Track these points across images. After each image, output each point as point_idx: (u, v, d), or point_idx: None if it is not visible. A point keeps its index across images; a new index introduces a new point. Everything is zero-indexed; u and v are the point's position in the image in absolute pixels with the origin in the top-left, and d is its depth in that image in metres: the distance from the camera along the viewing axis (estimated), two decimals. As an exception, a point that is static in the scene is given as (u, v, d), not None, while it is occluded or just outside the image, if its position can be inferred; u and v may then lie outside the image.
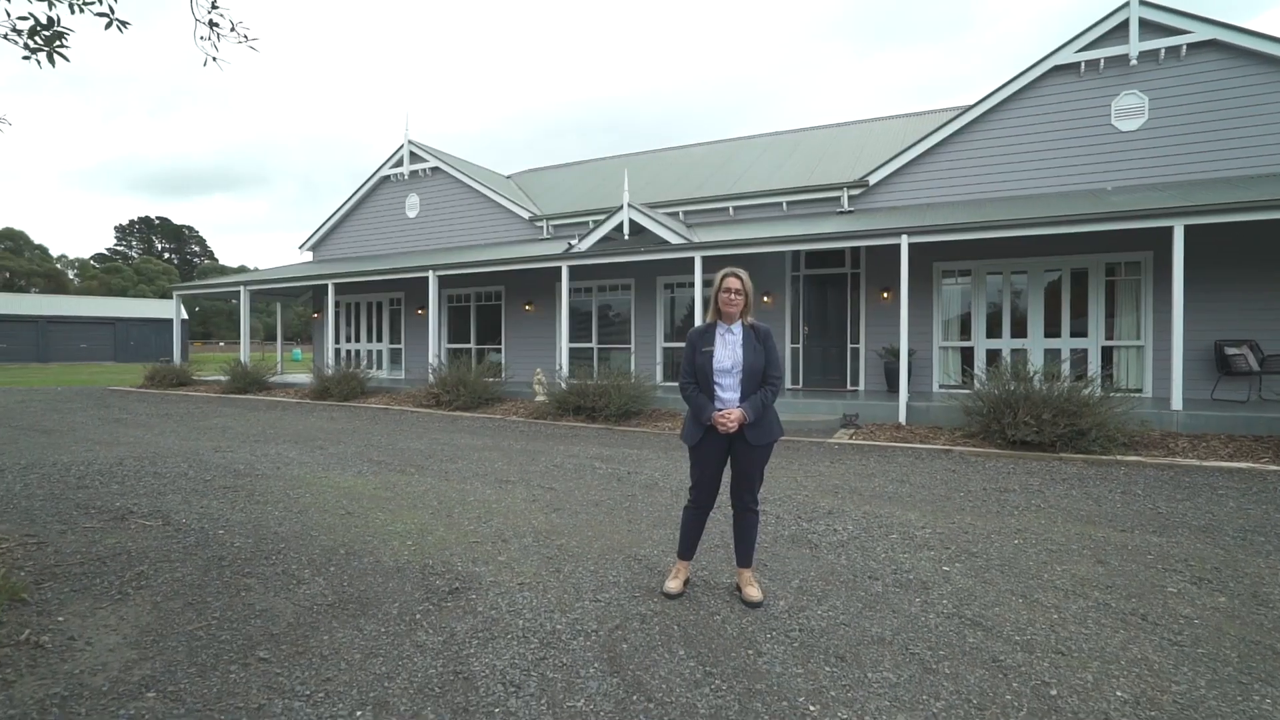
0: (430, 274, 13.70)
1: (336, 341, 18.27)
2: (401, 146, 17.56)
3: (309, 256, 19.88)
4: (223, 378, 15.98)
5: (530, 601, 3.28)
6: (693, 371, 3.39)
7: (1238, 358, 9.23)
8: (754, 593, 3.31)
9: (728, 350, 3.33)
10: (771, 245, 10.30)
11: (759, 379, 3.31)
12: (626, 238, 12.24)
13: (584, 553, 4.06)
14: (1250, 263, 9.34)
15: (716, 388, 3.31)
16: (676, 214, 13.74)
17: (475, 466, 6.82)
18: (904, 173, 11.87)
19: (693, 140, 19.14)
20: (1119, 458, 6.98)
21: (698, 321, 10.98)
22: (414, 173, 17.45)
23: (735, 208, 13.41)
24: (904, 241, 9.37)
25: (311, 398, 13.72)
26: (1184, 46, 9.82)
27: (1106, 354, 10.31)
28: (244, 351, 16.79)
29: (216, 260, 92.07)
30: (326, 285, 15.51)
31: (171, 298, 19.08)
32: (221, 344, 64.07)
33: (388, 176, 17.94)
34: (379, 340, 17.85)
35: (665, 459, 7.27)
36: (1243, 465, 6.55)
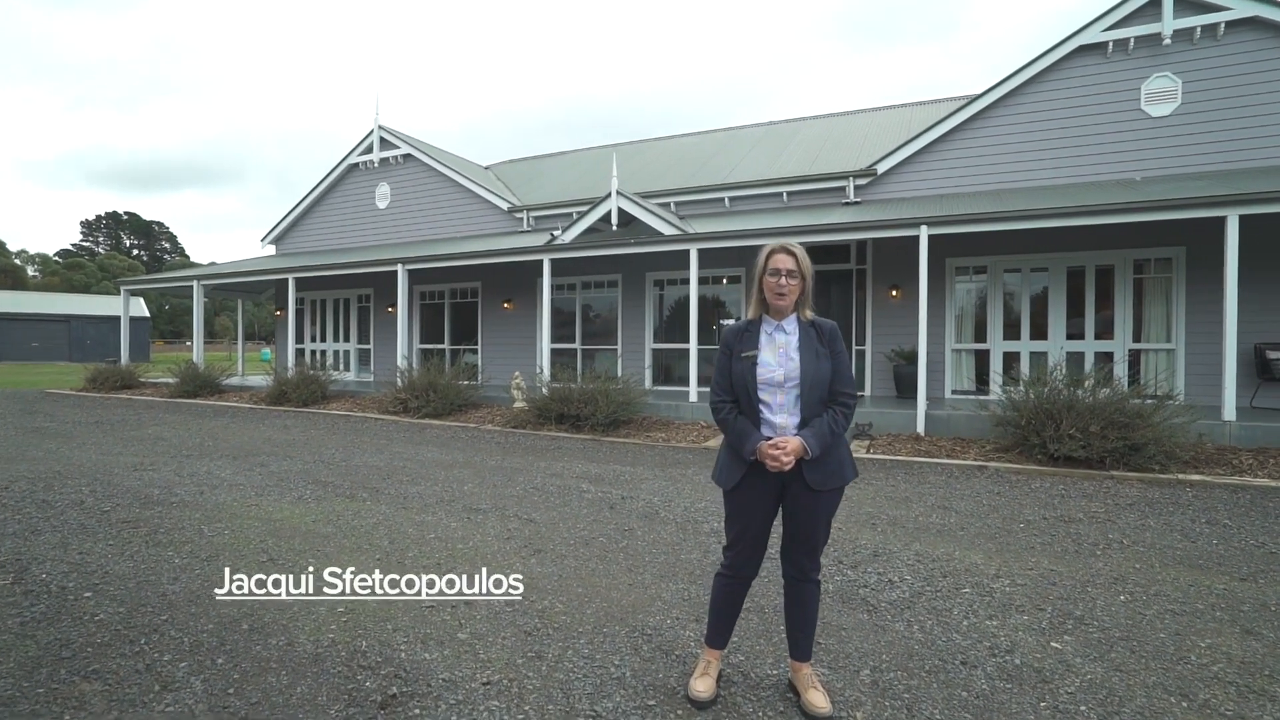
0: (399, 268, 12.57)
1: (300, 341, 17.05)
2: (371, 132, 16.34)
3: (272, 250, 18.58)
4: (172, 380, 14.67)
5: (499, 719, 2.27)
6: (729, 385, 2.40)
7: (1282, 362, 8.47)
8: (819, 701, 2.33)
9: (778, 355, 2.34)
10: (776, 237, 9.30)
11: (823, 395, 2.32)
12: (614, 229, 11.23)
13: (574, 624, 3.05)
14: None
15: (763, 408, 2.32)
16: (668, 205, 12.75)
17: (440, 489, 5.77)
18: (914, 161, 11.00)
19: (683, 131, 18.03)
20: (1179, 476, 6.13)
21: (693, 321, 10.01)
22: (384, 160, 16.25)
23: (731, 199, 12.45)
24: (923, 233, 8.48)
25: (267, 403, 12.50)
26: (1222, 24, 9.05)
27: (1134, 358, 9.51)
28: (197, 351, 15.48)
29: (188, 257, 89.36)
30: (287, 280, 14.28)
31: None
32: (189, 343, 61.89)
33: (356, 164, 16.71)
34: (346, 340, 16.63)
35: (663, 478, 6.28)
36: (1326, 486, 5.72)
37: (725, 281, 12.24)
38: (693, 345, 10.03)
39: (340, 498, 5.44)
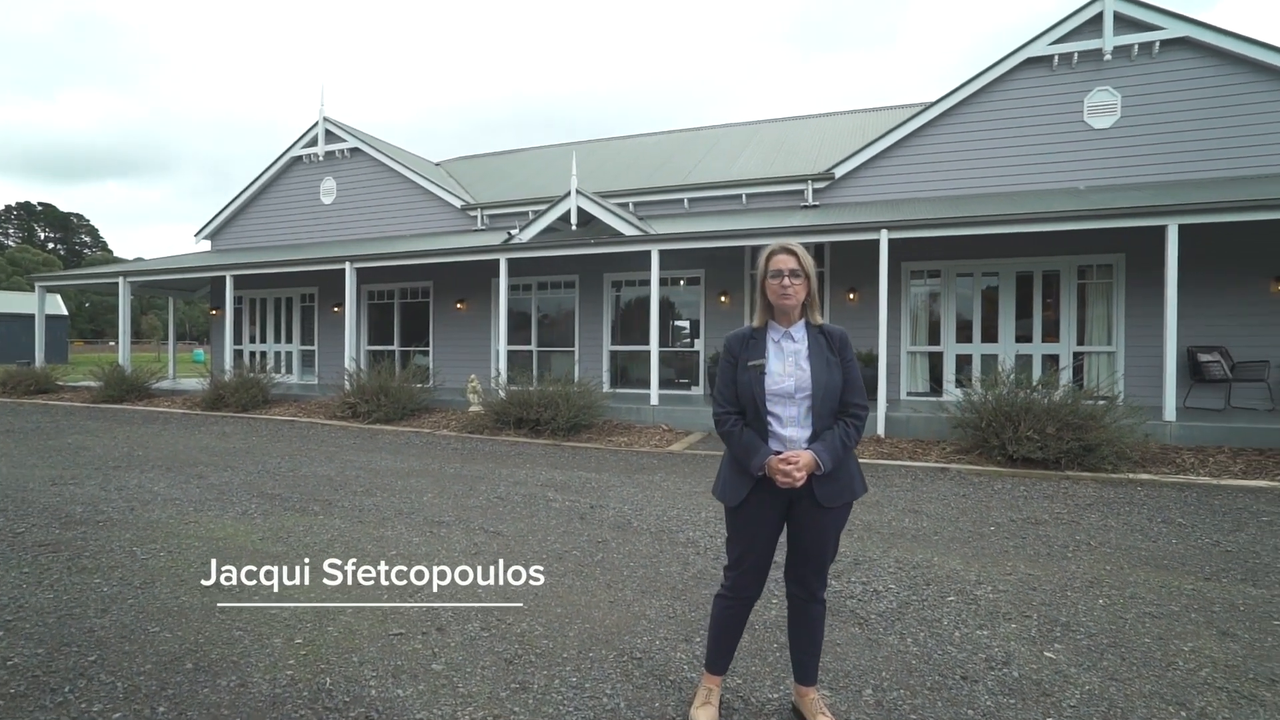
0: (347, 266, 12.03)
1: (238, 342, 16.13)
2: (316, 124, 15.61)
3: (207, 246, 17.57)
4: (94, 383, 13.65)
5: (487, 765, 2.07)
6: (734, 397, 2.26)
7: (1212, 364, 8.92)
8: (828, 728, 2.22)
9: (787, 363, 2.22)
10: (738, 239, 9.34)
11: (835, 406, 2.21)
12: (574, 228, 11.02)
13: (557, 648, 2.86)
14: (1215, 267, 9.04)
15: (772, 420, 2.19)
16: (626, 205, 12.60)
17: (398, 500, 5.46)
18: (872, 166, 11.17)
19: (639, 131, 17.94)
20: (1130, 476, 6.34)
21: (654, 323, 9.88)
22: (330, 154, 15.55)
23: (690, 200, 12.40)
24: (883, 237, 8.59)
25: (203, 408, 11.76)
26: (1157, 43, 9.50)
27: (1078, 360, 9.89)
28: (123, 352, 14.47)
29: (110, 252, 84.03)
30: (224, 277, 13.48)
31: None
32: (112, 343, 58.23)
33: (300, 157, 15.94)
34: (289, 341, 15.85)
35: (631, 485, 6.12)
36: (1263, 484, 6.01)
37: (683, 284, 12.17)
38: (653, 347, 9.90)
39: (289, 512, 5.07)
